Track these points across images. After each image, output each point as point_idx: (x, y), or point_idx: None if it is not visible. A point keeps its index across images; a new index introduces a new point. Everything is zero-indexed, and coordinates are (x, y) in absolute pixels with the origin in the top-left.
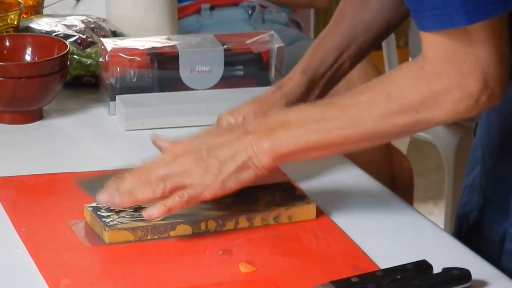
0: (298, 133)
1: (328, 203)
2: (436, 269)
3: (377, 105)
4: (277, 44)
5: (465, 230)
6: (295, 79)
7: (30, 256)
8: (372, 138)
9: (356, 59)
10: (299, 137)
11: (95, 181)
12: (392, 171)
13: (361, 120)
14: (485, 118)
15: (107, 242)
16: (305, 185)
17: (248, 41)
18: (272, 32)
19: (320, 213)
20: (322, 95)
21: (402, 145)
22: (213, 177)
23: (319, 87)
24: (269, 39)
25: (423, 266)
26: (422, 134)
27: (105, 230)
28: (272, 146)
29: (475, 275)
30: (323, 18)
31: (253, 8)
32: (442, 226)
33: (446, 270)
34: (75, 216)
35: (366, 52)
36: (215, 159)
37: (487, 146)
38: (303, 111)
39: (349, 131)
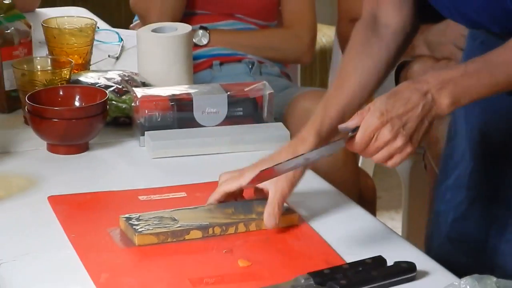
0: (473, 88)
1: (308, 213)
2: (389, 263)
3: None
4: (268, 91)
5: (452, 220)
6: (309, 141)
7: (78, 256)
8: None
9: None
10: (473, 92)
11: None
12: (359, 189)
13: None
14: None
15: (136, 244)
16: (290, 200)
17: (246, 89)
18: (264, 81)
19: (301, 220)
20: None
21: (369, 167)
22: (410, 136)
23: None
24: (262, 87)
25: (379, 260)
26: None
27: (135, 235)
28: (451, 103)
29: (419, 267)
30: (308, 71)
31: (253, 64)
32: (401, 228)
33: (397, 263)
34: (112, 224)
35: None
36: (410, 130)
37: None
38: (473, 68)
39: None
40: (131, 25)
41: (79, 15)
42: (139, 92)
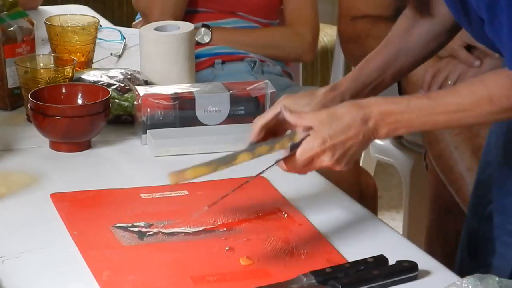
0: (412, 123)
1: (311, 212)
2: (391, 262)
3: (480, 107)
4: (270, 90)
5: (480, 217)
6: (345, 85)
7: (80, 253)
8: (471, 127)
9: (396, 77)
10: (412, 126)
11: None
12: (360, 188)
13: (466, 118)
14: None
15: (190, 178)
16: (294, 199)
17: (248, 88)
18: (266, 80)
19: (303, 220)
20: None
21: (370, 166)
22: (349, 161)
23: (363, 95)
24: (264, 86)
25: (381, 260)
26: (385, 158)
27: (187, 170)
28: (388, 133)
29: (421, 266)
30: (310, 70)
31: (255, 62)
32: (402, 227)
33: (399, 262)
34: (114, 221)
35: (405, 73)
36: (350, 156)
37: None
38: (415, 104)
39: (454, 124)
40: (133, 23)
41: (82, 13)
42: (142, 90)
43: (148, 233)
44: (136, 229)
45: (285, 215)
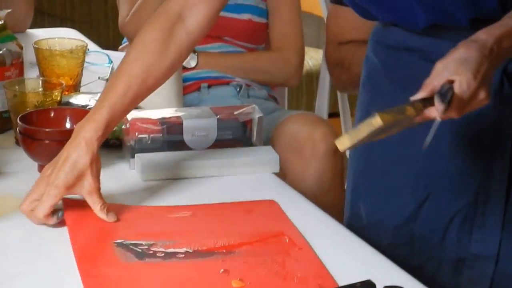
0: None
1: (307, 237)
2: (379, 287)
3: None
4: (257, 114)
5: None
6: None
7: (77, 268)
8: None
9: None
10: None
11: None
12: None
13: None
14: None
15: (382, 122)
16: (301, 222)
17: (235, 112)
18: (254, 105)
19: (304, 244)
20: None
21: None
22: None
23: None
24: (251, 111)
25: (368, 285)
26: None
27: (375, 116)
28: (506, 56)
29: None
30: (295, 94)
31: (241, 87)
32: None
33: None
34: (117, 237)
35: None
36: (482, 79)
37: None
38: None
39: None
40: (120, 47)
41: (69, 37)
42: (129, 114)
43: (148, 252)
44: (137, 249)
45: (287, 240)
